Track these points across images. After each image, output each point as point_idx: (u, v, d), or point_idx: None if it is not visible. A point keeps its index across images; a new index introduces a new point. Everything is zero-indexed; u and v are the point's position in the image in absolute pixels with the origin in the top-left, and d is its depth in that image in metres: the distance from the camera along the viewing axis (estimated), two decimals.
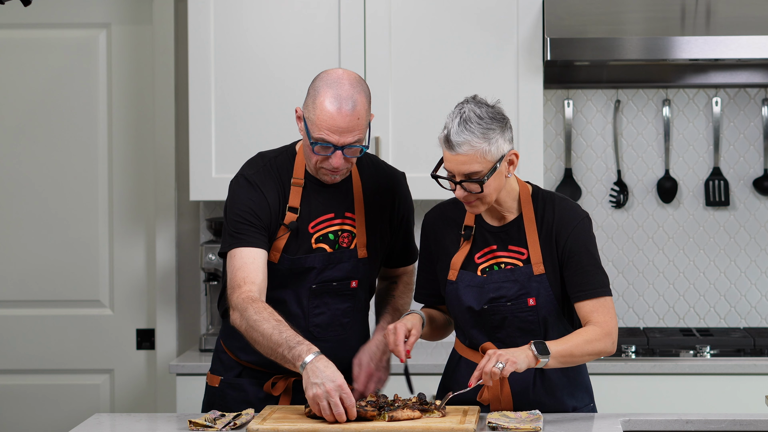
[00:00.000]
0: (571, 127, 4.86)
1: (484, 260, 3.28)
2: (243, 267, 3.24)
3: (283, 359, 3.10)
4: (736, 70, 4.77)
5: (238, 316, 3.20)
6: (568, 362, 3.18)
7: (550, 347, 3.11)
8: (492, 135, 3.11)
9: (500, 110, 3.17)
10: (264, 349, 3.15)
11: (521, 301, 3.24)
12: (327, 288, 3.36)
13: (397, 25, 4.53)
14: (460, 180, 3.13)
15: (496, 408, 3.23)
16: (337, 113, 3.17)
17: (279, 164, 3.35)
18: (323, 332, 3.37)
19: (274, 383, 3.36)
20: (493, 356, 3.07)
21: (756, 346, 4.49)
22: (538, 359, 3.09)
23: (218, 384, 3.46)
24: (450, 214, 3.35)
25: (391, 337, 3.20)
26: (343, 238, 3.36)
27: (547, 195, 3.30)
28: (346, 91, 3.19)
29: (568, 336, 3.18)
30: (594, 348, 3.18)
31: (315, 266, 3.33)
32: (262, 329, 3.13)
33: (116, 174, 4.94)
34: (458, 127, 3.10)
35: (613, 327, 3.20)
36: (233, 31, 4.55)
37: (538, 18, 4.49)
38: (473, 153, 3.10)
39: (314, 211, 3.33)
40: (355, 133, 3.20)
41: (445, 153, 3.14)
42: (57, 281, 4.96)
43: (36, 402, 4.97)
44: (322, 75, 3.25)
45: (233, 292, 3.23)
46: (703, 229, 4.87)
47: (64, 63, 4.93)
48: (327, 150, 3.21)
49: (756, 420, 3.20)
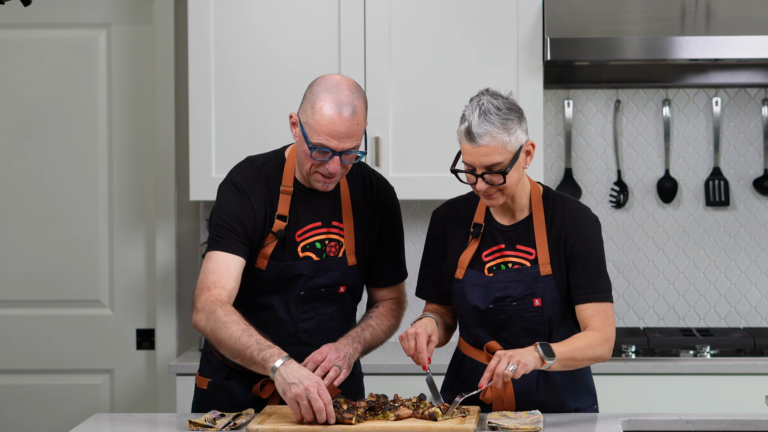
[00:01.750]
0: (571, 127, 4.86)
1: (492, 259, 3.28)
2: (216, 271, 3.23)
3: (251, 361, 3.08)
4: (736, 70, 4.77)
5: (203, 317, 3.17)
6: (569, 366, 3.18)
7: (554, 349, 3.11)
8: (511, 125, 3.13)
9: (515, 101, 3.19)
10: (230, 351, 3.12)
11: (527, 301, 3.24)
12: (315, 294, 3.35)
13: (397, 26, 4.53)
14: (482, 172, 3.14)
15: (498, 408, 3.23)
16: (337, 118, 3.16)
17: (268, 171, 3.33)
18: (311, 337, 3.36)
19: (263, 386, 3.33)
20: (504, 357, 3.06)
21: (756, 346, 4.49)
22: (543, 361, 3.10)
23: (207, 386, 3.44)
24: (460, 211, 3.36)
25: (412, 342, 3.17)
26: (330, 247, 3.34)
27: (558, 197, 3.31)
28: (346, 96, 3.18)
29: (571, 339, 3.19)
30: (594, 353, 3.19)
31: (304, 273, 3.32)
32: (231, 331, 3.11)
33: (116, 174, 4.94)
34: (479, 119, 3.11)
35: (611, 334, 3.22)
36: (233, 31, 4.54)
37: (538, 18, 4.49)
38: (495, 144, 3.11)
39: (302, 220, 3.32)
40: (353, 139, 3.19)
41: (465, 146, 3.14)
42: (57, 281, 4.96)
43: (36, 402, 4.97)
44: (320, 80, 3.24)
45: (201, 293, 3.21)
46: (703, 229, 4.87)
47: (64, 63, 4.93)
48: (325, 155, 3.19)
49: (756, 420, 3.20)
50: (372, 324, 3.37)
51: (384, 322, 3.41)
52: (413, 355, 3.17)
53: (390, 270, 3.47)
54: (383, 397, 3.15)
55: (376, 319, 3.40)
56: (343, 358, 3.21)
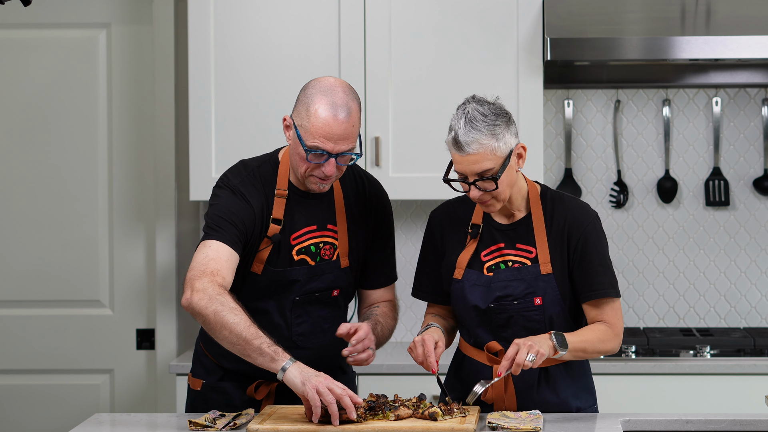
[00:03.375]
0: (571, 127, 4.86)
1: (491, 258, 3.29)
2: (217, 260, 3.16)
3: (259, 351, 3.03)
4: (736, 70, 4.77)
5: (205, 297, 3.07)
6: (579, 357, 3.22)
7: (567, 339, 3.14)
8: (498, 131, 3.13)
9: (502, 106, 3.19)
10: (234, 336, 3.04)
11: (528, 300, 3.25)
12: (309, 298, 3.35)
13: (397, 26, 4.53)
14: (474, 180, 3.15)
15: (499, 407, 3.24)
16: (333, 120, 3.15)
17: (262, 174, 3.32)
18: (305, 340, 3.36)
19: (257, 387, 3.33)
20: (523, 347, 3.07)
21: (756, 346, 4.49)
22: (557, 350, 3.12)
23: (200, 387, 3.44)
24: (458, 212, 3.37)
25: (420, 349, 3.18)
26: (325, 251, 3.34)
27: (556, 194, 3.32)
28: (341, 98, 3.17)
29: (582, 331, 3.21)
30: (604, 347, 3.23)
31: (299, 279, 3.32)
32: (239, 318, 3.05)
33: (116, 174, 4.95)
34: (465, 127, 3.12)
35: (621, 329, 3.25)
36: (233, 31, 4.55)
37: (538, 18, 4.49)
38: (483, 151, 3.12)
39: (297, 223, 3.31)
40: (348, 141, 3.18)
41: (454, 155, 3.15)
42: (57, 281, 4.96)
43: (36, 402, 4.97)
44: (314, 83, 3.22)
45: (202, 276, 3.11)
46: (703, 229, 4.86)
47: (64, 63, 4.93)
48: (321, 158, 3.18)
49: (756, 420, 3.20)
50: (380, 320, 3.36)
51: (388, 322, 3.40)
52: (422, 362, 3.18)
53: (382, 270, 3.47)
54: (383, 397, 3.15)
55: (381, 317, 3.39)
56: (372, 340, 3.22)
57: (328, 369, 3.20)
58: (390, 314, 3.43)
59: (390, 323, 3.41)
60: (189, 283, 3.12)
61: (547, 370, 3.27)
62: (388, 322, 3.40)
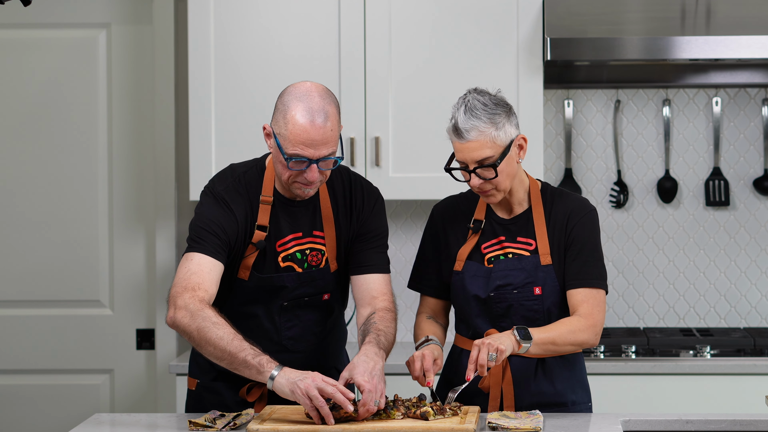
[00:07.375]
0: (571, 127, 4.86)
1: (491, 250, 3.32)
2: (199, 273, 3.18)
3: (244, 364, 3.04)
4: (736, 70, 4.77)
5: (187, 315, 3.09)
6: (551, 350, 3.21)
7: (532, 334, 3.14)
8: (498, 120, 3.17)
9: (503, 97, 3.25)
10: (219, 351, 3.06)
11: (527, 289, 3.28)
12: (299, 303, 3.34)
13: (397, 25, 4.53)
14: (474, 168, 3.17)
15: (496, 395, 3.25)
16: (310, 126, 3.12)
17: (248, 181, 3.30)
18: (296, 344, 3.36)
19: (249, 389, 3.32)
20: (483, 347, 3.08)
21: (756, 346, 4.49)
22: (520, 344, 3.12)
23: (195, 387, 3.44)
24: (461, 207, 3.40)
25: (419, 364, 3.18)
26: (312, 257, 3.32)
27: (556, 191, 3.37)
28: (317, 103, 3.14)
29: (552, 324, 3.23)
30: (577, 338, 3.21)
31: (287, 285, 3.31)
32: (222, 332, 3.06)
33: (116, 174, 4.95)
34: (465, 115, 3.17)
35: (598, 320, 3.24)
36: (233, 30, 4.55)
37: (538, 18, 4.49)
38: (482, 138, 3.16)
39: (282, 230, 3.30)
40: (329, 146, 3.15)
41: (455, 143, 3.20)
42: (57, 281, 4.96)
43: (36, 402, 4.97)
44: (290, 89, 3.20)
45: (184, 292, 3.14)
46: (703, 229, 4.86)
47: (64, 63, 4.93)
48: (302, 165, 3.15)
49: (756, 420, 3.20)
50: (380, 328, 3.30)
51: (389, 325, 3.33)
52: (418, 377, 3.19)
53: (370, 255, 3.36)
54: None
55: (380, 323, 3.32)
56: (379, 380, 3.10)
57: (321, 371, 3.17)
58: (388, 320, 3.34)
59: (390, 329, 3.34)
60: (172, 301, 3.15)
61: (545, 360, 3.29)
62: (390, 326, 3.34)
